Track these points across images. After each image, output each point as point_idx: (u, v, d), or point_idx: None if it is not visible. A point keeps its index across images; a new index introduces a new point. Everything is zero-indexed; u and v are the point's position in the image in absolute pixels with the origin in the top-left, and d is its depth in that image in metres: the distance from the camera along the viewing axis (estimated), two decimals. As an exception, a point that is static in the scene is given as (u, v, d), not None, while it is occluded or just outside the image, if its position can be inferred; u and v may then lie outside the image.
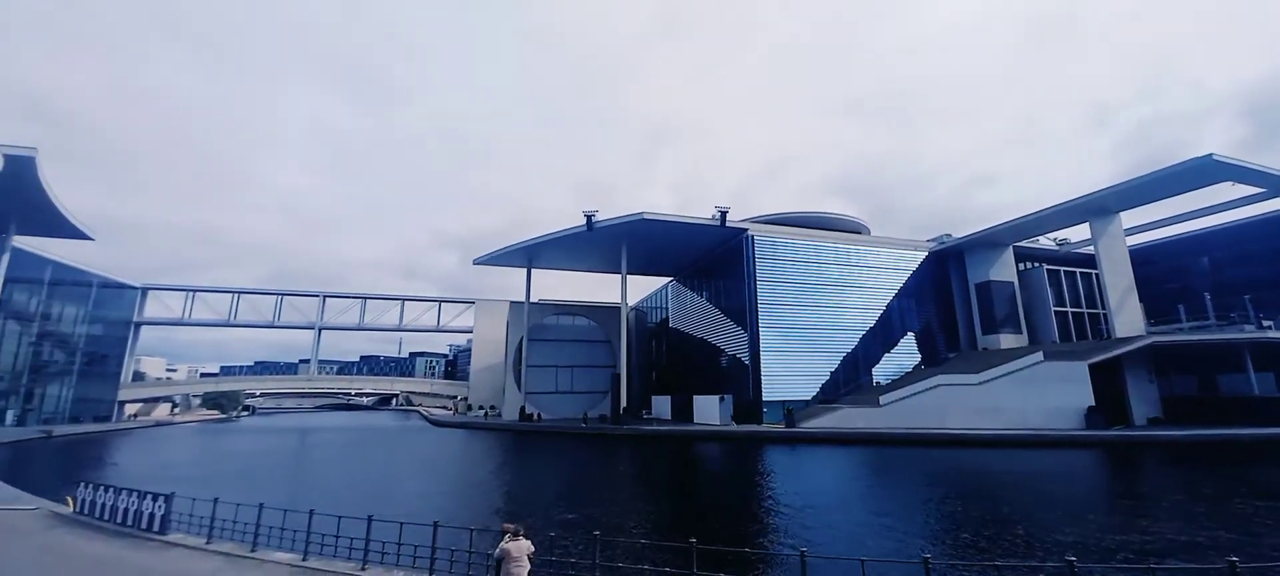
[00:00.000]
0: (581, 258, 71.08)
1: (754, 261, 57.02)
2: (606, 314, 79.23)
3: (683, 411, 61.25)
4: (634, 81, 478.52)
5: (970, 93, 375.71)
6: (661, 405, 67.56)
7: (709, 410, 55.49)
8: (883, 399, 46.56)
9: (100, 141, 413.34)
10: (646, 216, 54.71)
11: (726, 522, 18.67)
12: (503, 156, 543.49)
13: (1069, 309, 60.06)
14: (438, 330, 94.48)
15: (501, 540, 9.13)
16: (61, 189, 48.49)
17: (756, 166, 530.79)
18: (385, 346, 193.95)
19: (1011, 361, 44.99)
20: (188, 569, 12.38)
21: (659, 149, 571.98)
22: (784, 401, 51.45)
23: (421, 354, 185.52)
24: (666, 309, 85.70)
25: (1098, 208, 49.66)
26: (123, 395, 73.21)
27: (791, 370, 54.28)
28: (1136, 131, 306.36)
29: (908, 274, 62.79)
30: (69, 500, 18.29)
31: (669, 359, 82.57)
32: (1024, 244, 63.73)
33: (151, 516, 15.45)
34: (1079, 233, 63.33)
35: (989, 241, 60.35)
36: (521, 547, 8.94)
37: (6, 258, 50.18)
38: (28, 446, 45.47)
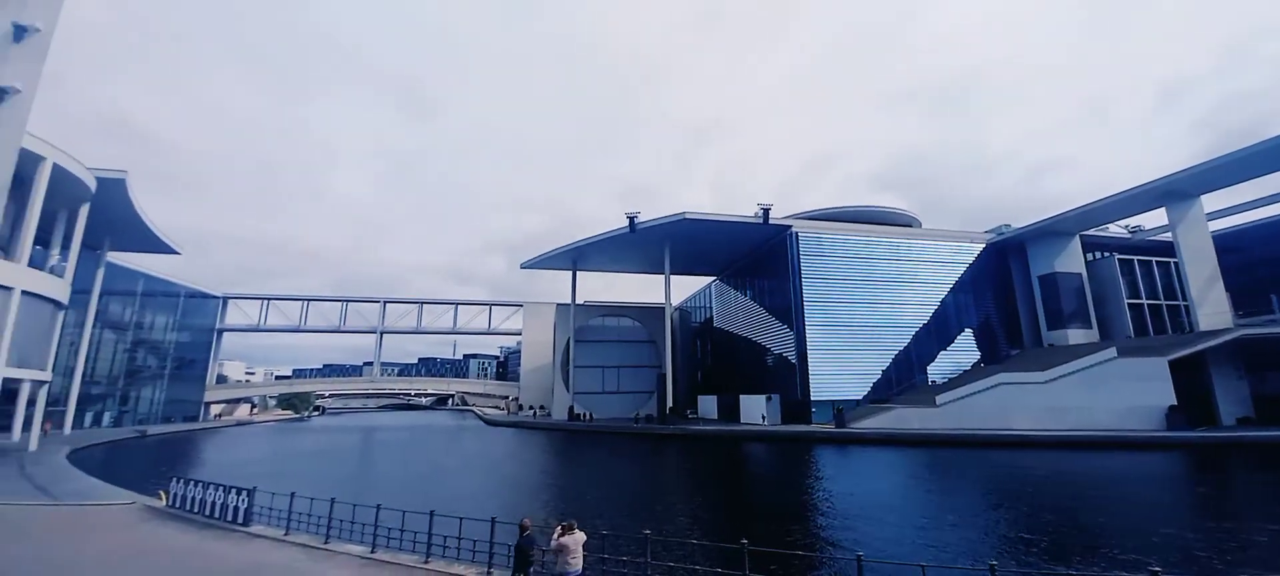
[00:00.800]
0: (625, 259, 71.90)
1: (798, 258, 56.15)
2: (651, 314, 79.77)
3: (729, 411, 61.05)
4: (672, 83, 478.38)
5: (1029, 77, 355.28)
6: (708, 405, 67.56)
7: (756, 410, 55.12)
8: (939, 398, 44.99)
9: (178, 160, 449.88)
10: (688, 216, 54.84)
11: (778, 524, 18.60)
12: (545, 161, 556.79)
13: (1145, 300, 56.16)
14: (488, 332, 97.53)
15: (554, 536, 9.33)
16: (148, 206, 53.15)
17: (799, 163, 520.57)
18: (441, 349, 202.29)
19: (1081, 358, 42.57)
20: (269, 559, 13.10)
21: (699, 149, 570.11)
22: (833, 401, 50.50)
23: (474, 356, 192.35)
24: (710, 308, 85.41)
25: (1175, 191, 46.21)
26: (208, 397, 79.36)
27: (840, 369, 53.15)
28: (1216, 109, 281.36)
29: (964, 267, 60.22)
30: (162, 494, 19.48)
31: (714, 358, 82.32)
32: (1092, 233, 59.98)
33: (236, 509, 16.39)
34: (1154, 219, 59.09)
35: (1053, 231, 57.14)
36: (576, 539, 9.17)
37: (101, 272, 54.94)
38: (124, 445, 49.29)
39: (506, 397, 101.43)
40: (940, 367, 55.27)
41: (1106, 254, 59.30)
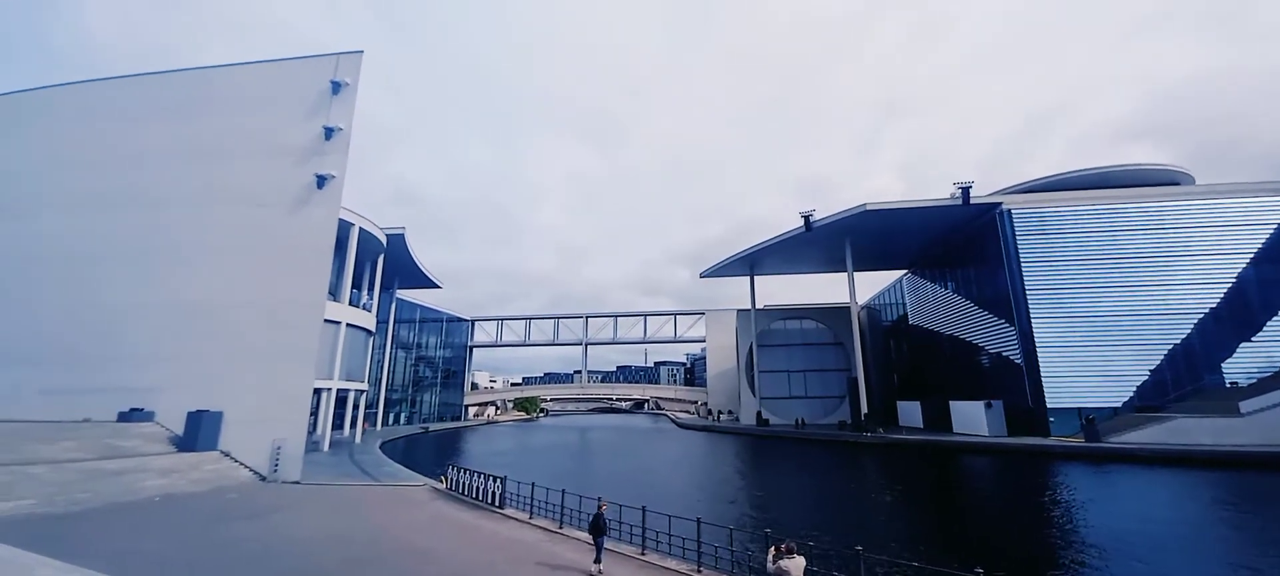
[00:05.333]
0: (803, 259, 69.78)
1: (1014, 240, 48.56)
2: (835, 315, 75.70)
3: (938, 419, 55.02)
4: (849, 62, 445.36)
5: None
6: (910, 411, 61.66)
7: (971, 418, 48.92)
8: (1245, 405, 35.00)
9: (440, 212, 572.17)
10: (870, 208, 51.38)
11: (1019, 555, 16.38)
12: (720, 169, 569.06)
13: None
14: (675, 341, 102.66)
15: (770, 557, 9.23)
16: (420, 251, 68.80)
17: (1010, 127, 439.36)
18: (634, 357, 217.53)
19: None
20: (522, 537, 15.98)
21: (882, 130, 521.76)
22: (1079, 408, 42.50)
23: (663, 363, 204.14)
24: (903, 305, 77.95)
25: None
26: (466, 401, 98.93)
27: (1086, 369, 44.45)
28: None
29: (1270, 230, 45.39)
30: (443, 478, 24.16)
31: (912, 360, 74.82)
32: None
33: (493, 494, 20.01)
34: None
35: None
36: (797, 564, 8.94)
37: (394, 306, 72.50)
38: (414, 439, 64.19)
39: (696, 402, 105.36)
40: (1241, 365, 42.40)
41: None
